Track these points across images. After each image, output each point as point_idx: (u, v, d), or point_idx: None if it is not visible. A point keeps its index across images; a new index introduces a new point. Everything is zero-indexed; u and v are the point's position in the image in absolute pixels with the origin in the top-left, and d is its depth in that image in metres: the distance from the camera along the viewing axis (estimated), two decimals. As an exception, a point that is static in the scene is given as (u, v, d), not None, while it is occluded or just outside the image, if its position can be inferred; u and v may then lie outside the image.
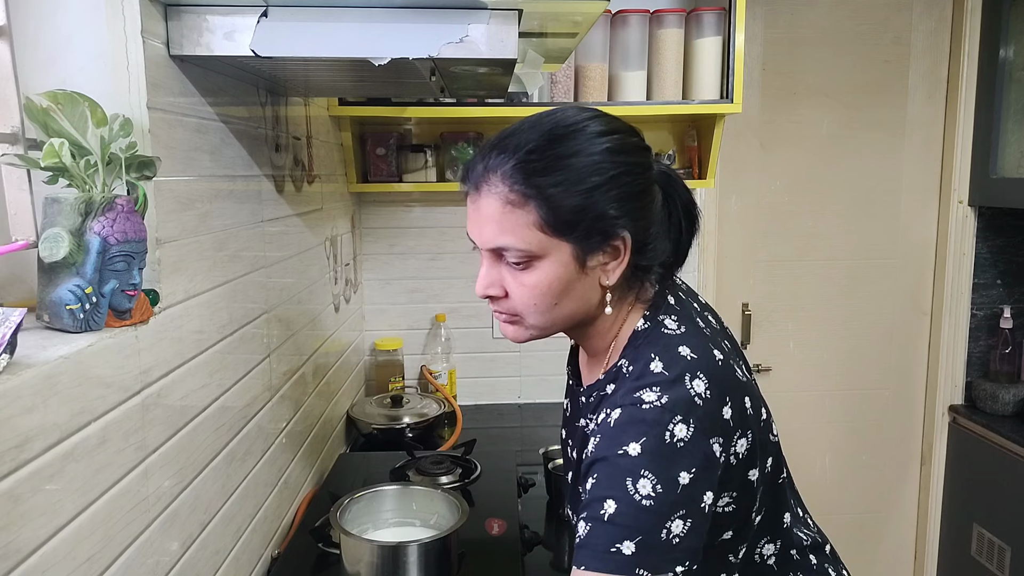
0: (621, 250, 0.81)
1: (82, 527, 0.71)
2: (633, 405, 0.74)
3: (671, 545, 0.71)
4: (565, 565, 1.34)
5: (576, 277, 0.81)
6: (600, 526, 0.72)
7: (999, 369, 2.30)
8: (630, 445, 0.72)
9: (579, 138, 0.80)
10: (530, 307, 0.83)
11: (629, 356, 0.82)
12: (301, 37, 0.92)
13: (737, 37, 1.80)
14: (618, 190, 0.79)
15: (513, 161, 0.79)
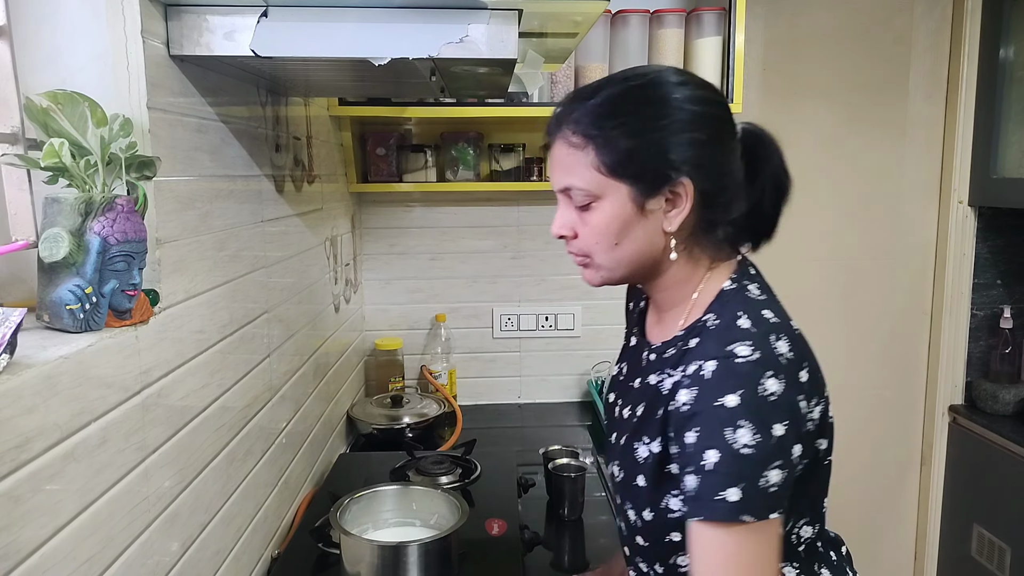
0: (683, 197, 0.83)
1: (82, 527, 0.71)
2: (727, 358, 0.77)
3: (768, 492, 0.75)
4: (565, 565, 1.34)
5: (635, 219, 0.84)
6: (705, 476, 0.75)
7: (999, 369, 2.30)
8: (727, 397, 0.76)
9: (649, 87, 0.84)
10: (593, 246, 0.87)
11: (716, 311, 0.85)
12: (301, 37, 0.92)
13: (737, 37, 1.80)
14: (680, 136, 0.82)
15: (582, 107, 0.84)
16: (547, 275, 2.23)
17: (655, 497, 0.86)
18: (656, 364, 0.90)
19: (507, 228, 2.20)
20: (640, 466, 0.87)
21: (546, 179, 2.06)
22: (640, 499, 0.88)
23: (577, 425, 2.08)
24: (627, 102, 0.83)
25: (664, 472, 0.85)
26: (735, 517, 0.74)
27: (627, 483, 0.89)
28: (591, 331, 2.26)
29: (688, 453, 0.77)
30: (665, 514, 0.85)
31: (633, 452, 0.88)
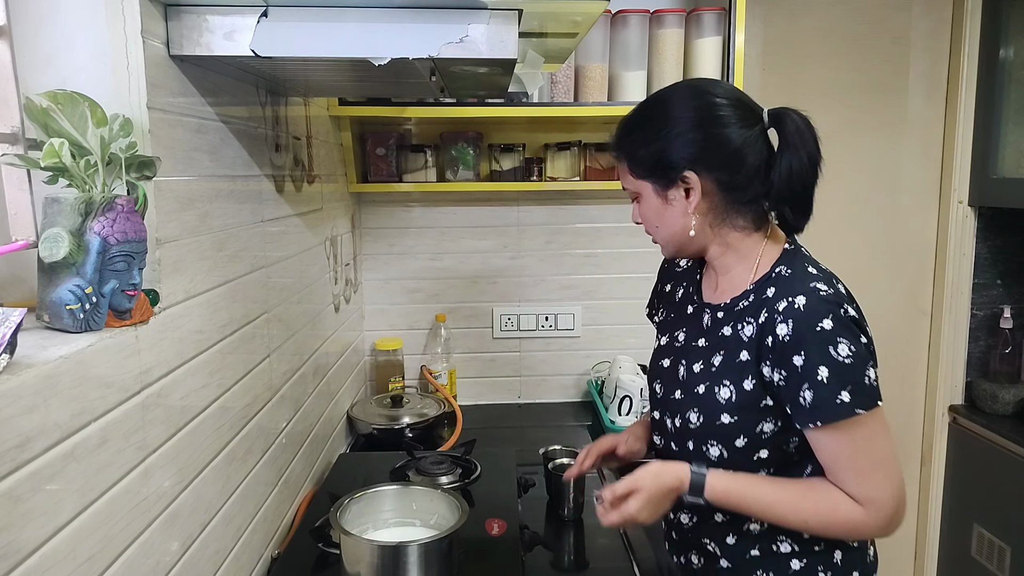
0: (691, 185, 1.03)
1: (82, 527, 0.71)
2: (813, 292, 0.97)
3: (871, 387, 0.95)
4: (565, 565, 1.34)
5: (663, 207, 1.07)
6: (820, 387, 0.94)
7: (999, 369, 2.30)
8: (823, 321, 0.95)
9: (656, 104, 1.08)
10: (649, 230, 1.12)
11: (786, 264, 1.05)
12: (301, 37, 0.92)
13: (737, 37, 1.80)
14: (678, 140, 1.03)
15: (616, 134, 1.11)
16: (547, 275, 2.23)
17: (747, 427, 1.03)
18: (728, 318, 1.07)
19: (507, 228, 2.20)
20: (723, 406, 1.04)
21: (546, 179, 2.07)
22: (728, 433, 1.04)
23: (577, 425, 2.08)
24: (639, 120, 1.09)
25: (759, 406, 1.02)
26: (852, 413, 0.94)
27: (709, 424, 1.05)
28: (591, 331, 2.26)
29: (799, 373, 0.95)
30: (760, 437, 1.03)
31: (715, 396, 1.05)
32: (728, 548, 1.10)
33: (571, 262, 2.23)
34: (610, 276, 2.24)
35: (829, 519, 0.99)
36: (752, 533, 1.08)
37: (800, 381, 0.96)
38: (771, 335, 0.98)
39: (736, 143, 1.02)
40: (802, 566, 1.06)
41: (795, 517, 1.00)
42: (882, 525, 0.98)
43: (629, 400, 1.91)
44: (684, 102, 1.04)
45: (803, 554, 1.06)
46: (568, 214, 2.21)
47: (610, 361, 2.13)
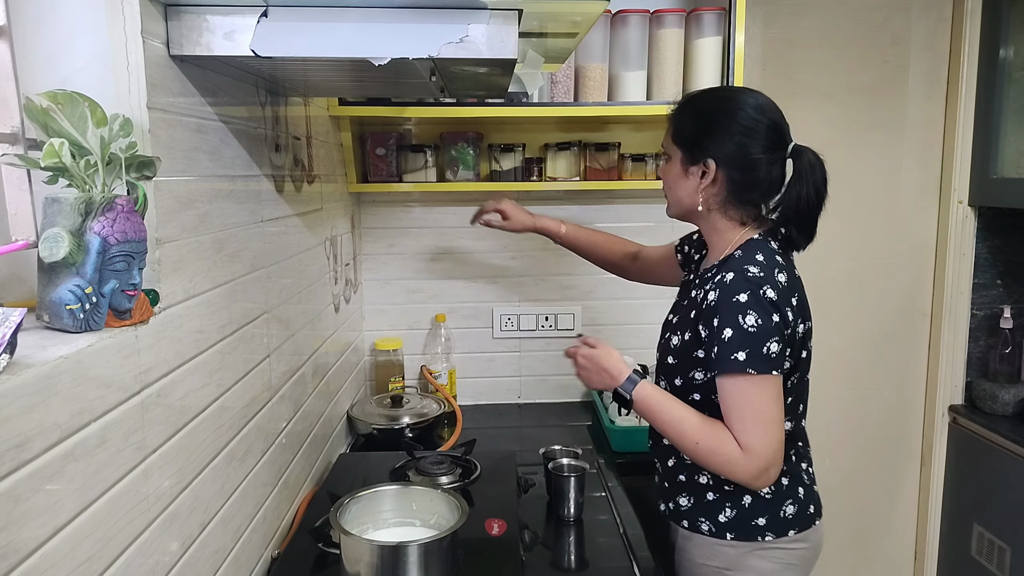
0: (708, 172, 1.25)
1: (82, 527, 0.71)
2: (742, 272, 1.18)
3: (769, 357, 1.15)
4: (565, 565, 1.34)
5: (681, 177, 1.29)
6: (724, 345, 1.16)
7: (999, 369, 2.30)
8: (740, 295, 1.17)
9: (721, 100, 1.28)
10: (664, 188, 1.35)
11: (743, 250, 1.25)
12: (301, 37, 0.92)
13: (737, 37, 1.80)
14: (718, 134, 1.23)
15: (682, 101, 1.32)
16: (547, 275, 2.23)
17: (683, 371, 1.29)
18: (698, 282, 1.32)
19: (507, 228, 2.20)
20: (670, 350, 1.32)
21: (546, 179, 2.07)
22: (671, 373, 1.32)
23: (577, 425, 2.08)
24: (701, 102, 1.30)
25: (692, 356, 1.26)
26: (743, 370, 1.15)
27: (662, 363, 1.35)
28: (591, 331, 2.26)
29: (714, 331, 1.18)
30: (692, 381, 1.27)
31: (668, 343, 1.33)
32: (667, 469, 1.37)
33: (571, 262, 2.23)
34: (610, 276, 2.22)
35: (714, 447, 1.19)
36: (684, 460, 1.32)
37: (714, 338, 1.19)
38: (705, 300, 1.23)
39: (758, 158, 1.23)
40: (714, 498, 1.29)
41: (691, 435, 1.21)
42: (752, 473, 1.17)
43: (629, 400, 1.91)
44: (740, 109, 1.23)
45: (716, 489, 1.29)
46: (568, 214, 2.21)
47: (610, 361, 2.13)
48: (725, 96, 1.30)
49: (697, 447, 1.21)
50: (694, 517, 1.31)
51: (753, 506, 1.26)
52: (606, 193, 2.17)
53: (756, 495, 1.26)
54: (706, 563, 1.30)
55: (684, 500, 1.32)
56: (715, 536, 1.28)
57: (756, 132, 1.22)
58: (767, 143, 1.22)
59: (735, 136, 1.22)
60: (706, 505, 1.29)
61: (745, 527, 1.26)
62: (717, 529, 1.28)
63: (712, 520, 1.28)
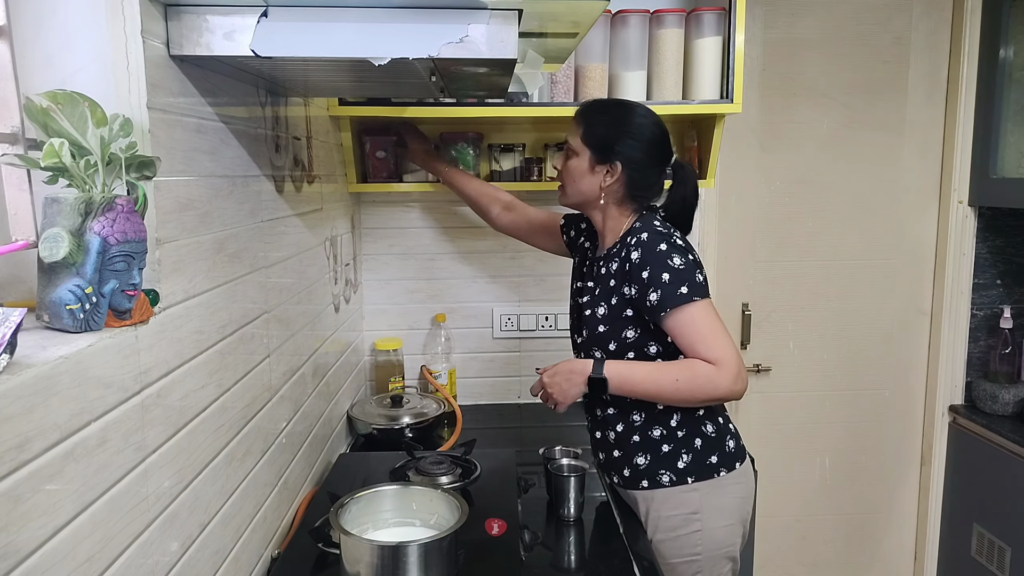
0: (613, 172, 1.43)
1: (82, 527, 0.71)
2: (652, 228, 1.39)
3: (701, 284, 1.35)
4: (565, 565, 1.34)
5: (587, 173, 1.46)
6: (664, 287, 1.33)
7: (999, 369, 2.30)
8: (660, 244, 1.36)
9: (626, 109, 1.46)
10: (565, 180, 1.51)
11: (639, 224, 1.43)
12: (301, 37, 0.92)
13: (737, 37, 1.80)
14: (626, 141, 1.42)
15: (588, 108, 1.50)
16: (547, 275, 2.23)
17: (615, 334, 1.42)
18: (604, 262, 1.47)
19: (507, 228, 2.20)
20: (599, 320, 1.44)
21: (546, 179, 2.07)
22: (604, 339, 1.44)
23: (577, 425, 2.08)
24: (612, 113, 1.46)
25: (622, 317, 1.40)
26: (690, 300, 1.32)
27: (591, 335, 1.46)
28: (591, 331, 2.26)
29: (645, 282, 1.35)
30: (625, 341, 1.42)
31: (594, 315, 1.45)
32: (618, 435, 1.46)
33: (571, 262, 2.23)
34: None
35: (692, 375, 1.32)
36: (634, 423, 1.44)
37: (647, 288, 1.35)
38: (627, 262, 1.38)
39: (656, 165, 1.46)
40: (669, 449, 1.42)
41: (667, 378, 1.34)
42: (731, 379, 1.30)
43: (629, 400, 1.91)
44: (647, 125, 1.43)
45: (670, 439, 1.42)
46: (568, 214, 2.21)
47: (610, 361, 2.13)
48: (635, 111, 1.45)
49: (678, 383, 1.33)
50: (653, 472, 1.42)
51: (705, 446, 1.42)
52: (606, 193, 2.16)
53: (705, 436, 1.43)
54: (674, 513, 1.41)
55: (641, 459, 1.43)
56: (677, 484, 1.41)
57: (656, 145, 1.44)
58: (661, 155, 1.46)
59: (642, 146, 1.42)
60: (663, 457, 1.42)
61: (702, 467, 1.41)
62: (678, 477, 1.41)
63: (672, 469, 1.41)
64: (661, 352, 1.41)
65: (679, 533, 1.41)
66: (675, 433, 1.42)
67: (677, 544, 1.41)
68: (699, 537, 1.40)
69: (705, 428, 1.43)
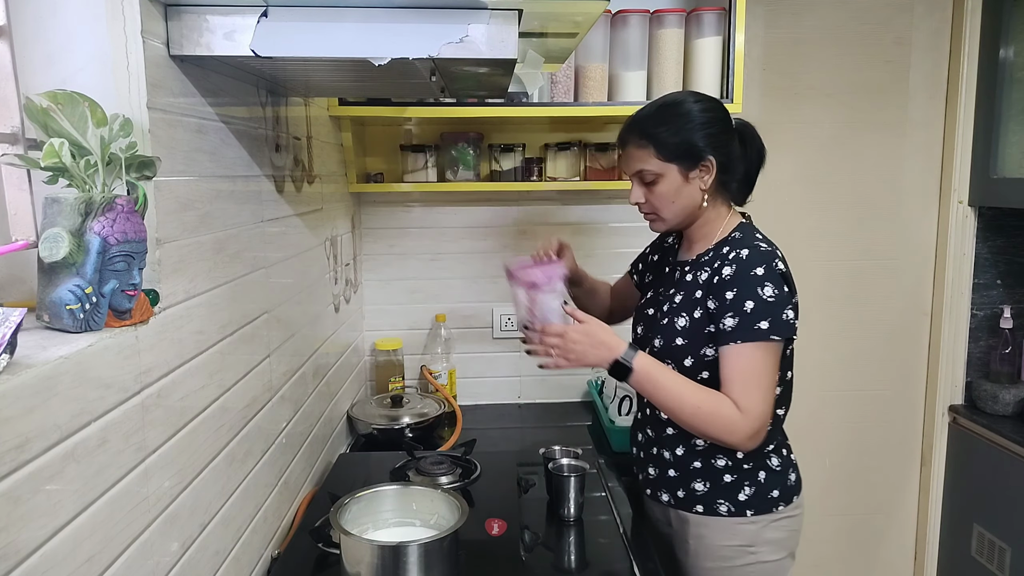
0: (709, 167, 1.33)
1: (82, 527, 0.71)
2: (754, 248, 1.29)
3: (787, 323, 1.25)
4: (565, 565, 1.34)
5: (683, 185, 1.34)
6: (745, 316, 1.24)
7: (999, 369, 2.29)
8: (757, 268, 1.26)
9: (678, 105, 1.34)
10: (660, 207, 1.37)
11: (739, 231, 1.36)
12: (301, 37, 0.92)
13: (737, 37, 1.80)
14: (702, 132, 1.32)
15: (641, 124, 1.35)
16: (547, 275, 2.23)
17: (694, 350, 1.32)
18: (692, 268, 1.38)
19: (507, 228, 2.20)
20: (679, 332, 1.34)
21: (546, 179, 2.07)
22: (680, 354, 1.34)
23: (577, 425, 2.08)
24: (665, 115, 1.34)
25: (703, 333, 1.31)
26: (767, 338, 1.24)
27: (667, 346, 1.36)
28: (591, 331, 2.26)
29: (727, 304, 1.26)
30: (703, 359, 1.32)
31: (673, 325, 1.35)
32: (677, 458, 1.39)
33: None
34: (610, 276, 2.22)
35: (714, 410, 1.25)
36: (697, 447, 1.36)
37: (726, 310, 1.26)
38: (718, 275, 1.30)
39: (732, 138, 1.36)
40: (732, 480, 1.35)
41: (690, 400, 1.26)
42: (747, 434, 1.24)
43: (629, 400, 1.91)
44: (705, 109, 1.33)
45: (734, 470, 1.35)
46: (568, 214, 2.21)
47: (610, 361, 2.13)
48: (681, 100, 1.35)
49: (698, 411, 1.25)
50: (711, 500, 1.36)
51: (768, 480, 1.35)
52: (606, 193, 2.17)
53: (769, 470, 1.36)
54: (727, 544, 1.36)
55: (700, 485, 1.36)
56: (735, 515, 1.35)
57: (723, 121, 1.35)
58: (730, 127, 1.36)
59: (714, 127, 1.32)
60: (724, 487, 1.35)
61: (763, 501, 1.35)
62: (737, 508, 1.35)
63: (731, 500, 1.35)
64: None
65: (732, 564, 1.36)
66: (740, 465, 1.35)
67: (728, 574, 1.37)
68: (751, 570, 1.36)
69: (770, 461, 1.36)
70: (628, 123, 1.37)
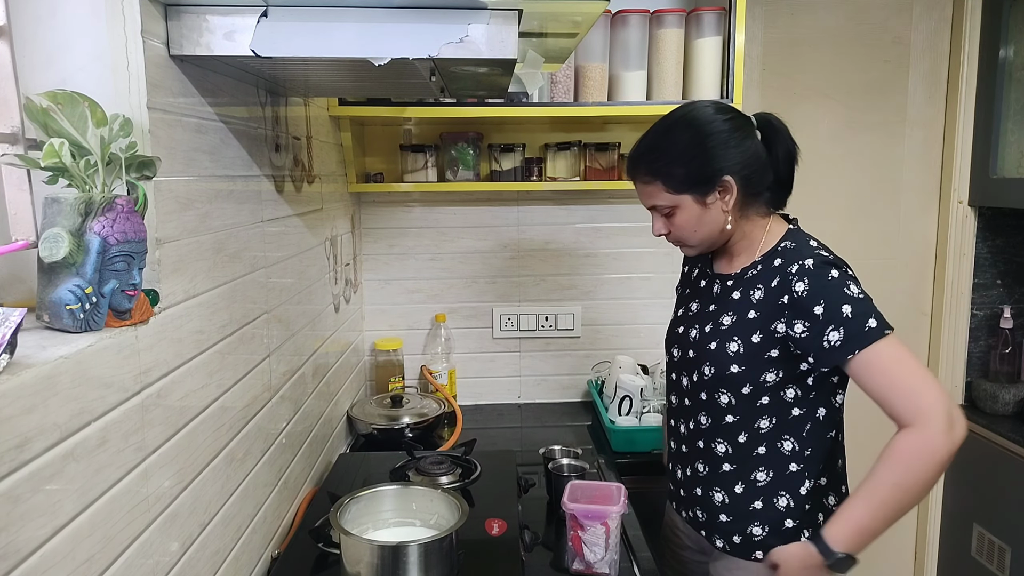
0: (728, 187, 1.22)
1: (82, 527, 0.71)
2: (818, 256, 1.19)
3: (883, 317, 1.13)
4: (565, 565, 1.34)
5: (702, 212, 1.24)
6: (848, 322, 1.11)
7: (999, 369, 2.29)
8: (832, 272, 1.16)
9: (684, 129, 1.23)
10: (684, 236, 1.28)
11: (790, 239, 1.26)
12: (301, 37, 0.92)
13: (737, 37, 1.80)
14: (712, 152, 1.20)
15: (642, 161, 1.25)
16: (547, 275, 2.23)
17: (753, 376, 1.21)
18: (737, 284, 1.27)
19: (507, 228, 2.20)
20: (732, 358, 1.22)
21: (546, 179, 2.07)
22: (737, 382, 1.22)
23: (577, 425, 2.08)
24: (667, 144, 1.23)
25: (764, 358, 1.20)
26: (881, 334, 1.11)
27: (720, 375, 1.23)
28: (591, 331, 2.26)
29: (821, 319, 1.13)
30: (763, 385, 1.21)
31: (725, 350, 1.23)
32: (735, 497, 1.25)
33: (571, 262, 2.23)
34: (610, 276, 2.24)
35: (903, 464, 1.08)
36: (758, 483, 1.24)
37: (824, 326, 1.13)
38: (788, 294, 1.17)
39: (751, 146, 1.23)
40: (793, 525, 1.23)
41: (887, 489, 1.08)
42: (943, 429, 1.06)
43: (629, 400, 1.91)
44: (708, 121, 1.22)
45: (796, 514, 1.23)
46: (568, 214, 2.21)
47: (610, 361, 2.13)
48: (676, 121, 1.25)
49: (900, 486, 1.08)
50: (771, 544, 1.22)
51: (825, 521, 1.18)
52: (606, 193, 2.17)
53: (827, 510, 1.24)
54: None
55: (758, 530, 1.24)
56: None
57: (734, 128, 1.22)
58: (743, 131, 1.23)
59: (726, 144, 1.21)
60: (785, 533, 1.23)
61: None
62: None
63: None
64: (799, 398, 1.21)
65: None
66: (803, 506, 1.23)
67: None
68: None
69: (828, 501, 1.26)
70: (631, 157, 1.27)
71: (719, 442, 1.27)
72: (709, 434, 1.28)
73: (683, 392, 1.33)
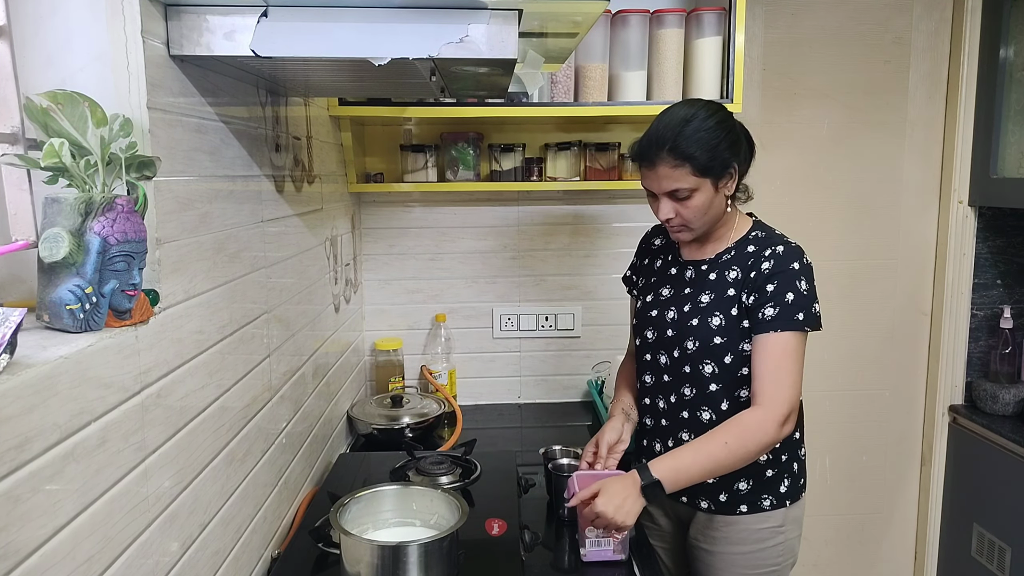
0: (734, 175, 1.37)
1: (82, 527, 0.71)
2: (787, 244, 1.36)
3: (817, 316, 1.32)
4: (565, 565, 1.34)
5: (714, 196, 1.36)
6: (785, 307, 1.30)
7: (999, 369, 2.29)
8: (794, 263, 1.33)
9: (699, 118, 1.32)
10: (693, 219, 1.37)
11: (759, 230, 1.43)
12: (301, 37, 0.92)
13: (737, 37, 1.80)
14: (727, 142, 1.33)
15: (672, 144, 1.31)
16: (547, 275, 2.23)
17: (733, 346, 1.36)
18: (712, 268, 1.42)
19: (507, 228, 2.20)
20: (715, 331, 1.37)
21: (546, 179, 2.07)
22: (720, 352, 1.37)
23: (577, 425, 2.08)
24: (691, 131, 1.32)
25: (740, 329, 1.35)
26: (801, 328, 1.30)
27: (704, 347, 1.38)
28: (591, 331, 2.26)
29: (767, 295, 1.32)
30: (742, 354, 1.36)
31: (708, 325, 1.37)
32: None
33: (571, 262, 2.23)
34: (610, 276, 2.24)
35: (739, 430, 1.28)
36: None
37: (766, 301, 1.32)
38: (755, 270, 1.35)
39: (744, 142, 1.39)
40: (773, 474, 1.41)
41: (717, 447, 1.27)
42: (778, 421, 1.28)
43: (629, 400, 1.91)
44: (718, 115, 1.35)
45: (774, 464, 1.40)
46: (568, 214, 2.21)
47: (610, 361, 2.13)
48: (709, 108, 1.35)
49: (728, 446, 1.27)
50: (756, 498, 1.40)
51: (799, 468, 1.45)
52: (606, 193, 2.17)
53: (799, 459, 1.45)
54: (761, 526, 1.40)
55: (743, 484, 1.40)
56: (777, 508, 1.41)
57: (736, 126, 1.38)
58: (739, 129, 1.39)
59: (732, 134, 1.35)
60: (766, 482, 1.40)
61: (796, 489, 1.43)
62: (778, 500, 1.41)
63: (773, 494, 1.41)
64: None
65: (765, 546, 1.41)
66: (779, 457, 1.41)
67: (761, 556, 1.41)
68: (781, 548, 1.42)
69: (799, 452, 1.45)
70: (654, 143, 1.33)
71: (703, 410, 1.40)
72: (693, 404, 1.41)
73: (661, 369, 1.46)
